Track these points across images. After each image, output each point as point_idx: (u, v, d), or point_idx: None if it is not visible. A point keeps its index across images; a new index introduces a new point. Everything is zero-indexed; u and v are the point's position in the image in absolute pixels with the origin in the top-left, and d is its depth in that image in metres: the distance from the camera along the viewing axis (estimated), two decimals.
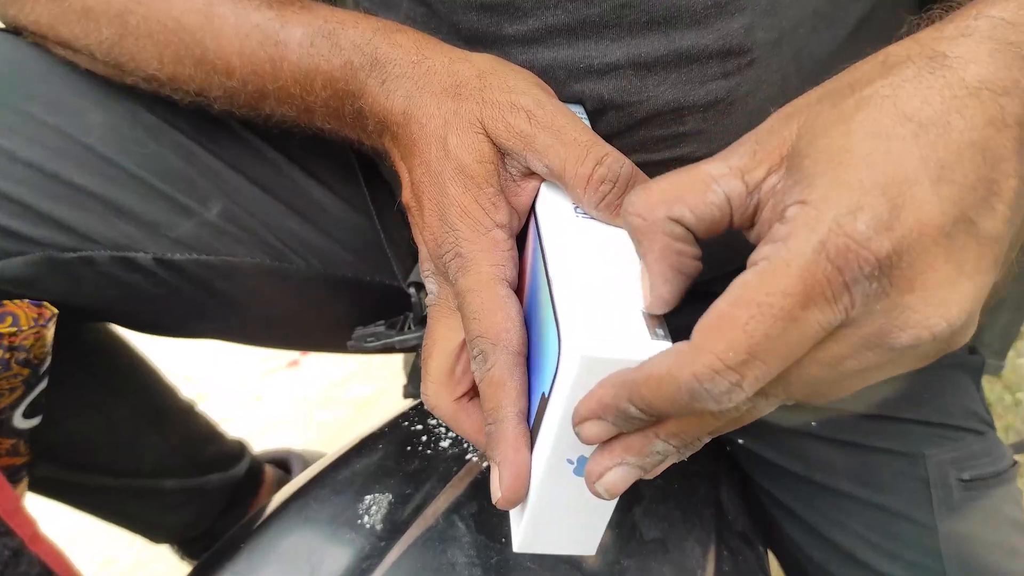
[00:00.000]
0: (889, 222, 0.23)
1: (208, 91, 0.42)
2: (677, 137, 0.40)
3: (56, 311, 0.44)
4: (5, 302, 0.42)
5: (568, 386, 0.27)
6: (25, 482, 0.52)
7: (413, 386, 0.58)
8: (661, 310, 0.28)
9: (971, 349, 0.58)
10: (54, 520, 0.78)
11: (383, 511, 0.42)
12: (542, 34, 0.38)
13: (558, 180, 0.33)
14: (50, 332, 0.44)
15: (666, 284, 0.27)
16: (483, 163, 0.34)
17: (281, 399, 1.17)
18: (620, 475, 0.27)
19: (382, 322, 0.53)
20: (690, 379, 0.24)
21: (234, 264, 0.48)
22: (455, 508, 0.42)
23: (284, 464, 0.78)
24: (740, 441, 0.56)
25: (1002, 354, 0.61)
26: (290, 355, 1.25)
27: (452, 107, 0.34)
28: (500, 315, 0.32)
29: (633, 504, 0.45)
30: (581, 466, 0.29)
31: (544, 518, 0.31)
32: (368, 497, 0.43)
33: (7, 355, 0.42)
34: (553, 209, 0.33)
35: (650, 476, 0.29)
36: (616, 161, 0.32)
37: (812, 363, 0.25)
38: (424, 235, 0.36)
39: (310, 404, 1.16)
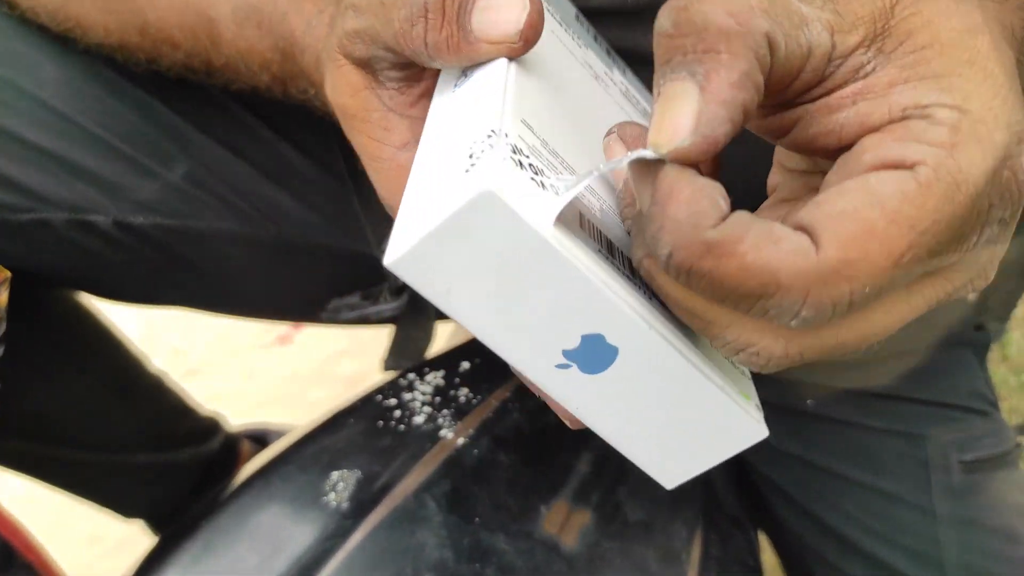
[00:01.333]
0: None
1: (159, 61, 0.39)
2: None
3: (9, 274, 0.42)
4: None
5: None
6: None
7: (394, 358, 0.56)
8: (700, 155, 0.20)
9: (977, 326, 0.55)
10: (37, 499, 0.76)
11: (350, 489, 0.40)
12: None
13: (394, 50, 0.27)
14: (4, 295, 0.42)
15: (723, 125, 0.19)
16: (356, 94, 0.29)
17: (273, 375, 1.15)
18: None
19: (358, 292, 0.51)
20: (819, 300, 0.19)
21: (201, 229, 0.46)
22: (426, 487, 0.40)
23: (262, 439, 0.76)
24: None
25: (1004, 318, 0.59)
26: (280, 330, 1.24)
27: (325, 52, 0.30)
28: None
29: (618, 484, 0.43)
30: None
31: None
32: (335, 474, 0.40)
33: None
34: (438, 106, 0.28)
35: None
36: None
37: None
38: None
39: (302, 381, 1.15)
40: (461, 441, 0.42)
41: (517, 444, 0.43)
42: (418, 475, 0.40)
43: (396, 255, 0.21)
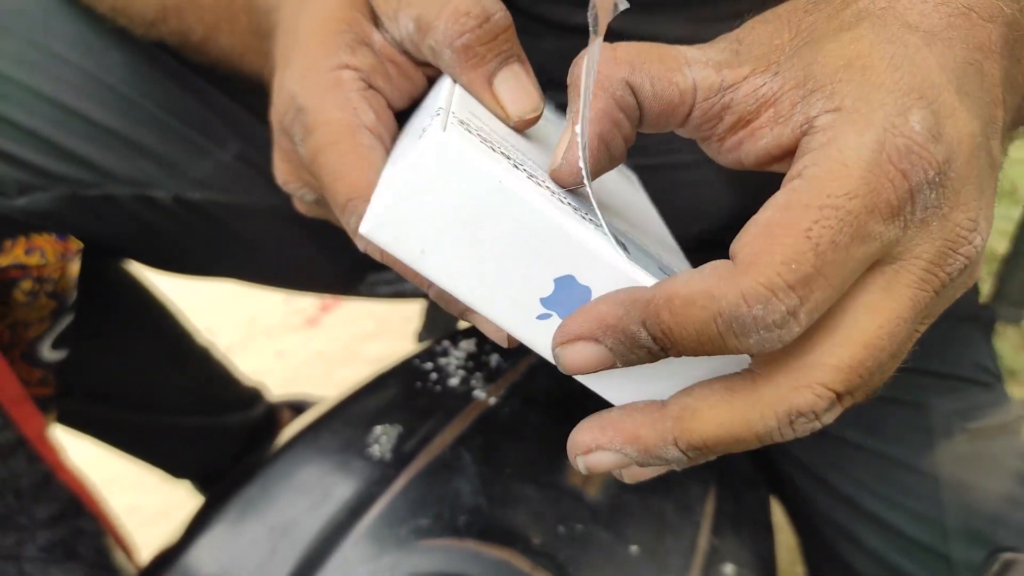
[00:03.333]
0: (937, 127, 0.21)
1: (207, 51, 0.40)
2: None
3: (81, 245, 0.46)
4: (33, 236, 0.44)
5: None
6: (52, 415, 0.54)
7: (427, 331, 0.59)
8: (567, 181, 0.24)
9: (982, 305, 0.58)
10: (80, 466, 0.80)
11: (392, 441, 0.43)
12: None
13: (425, 35, 0.28)
14: (75, 266, 0.46)
15: (584, 151, 0.23)
16: (351, 8, 0.29)
17: (301, 355, 1.19)
18: (605, 460, 0.24)
19: None
20: (736, 301, 0.20)
21: (250, 205, 0.50)
22: (461, 441, 0.43)
23: (301, 409, 0.80)
24: None
25: (1022, 304, 0.61)
26: (309, 312, 1.27)
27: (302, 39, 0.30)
28: (365, 166, 0.26)
29: None
30: None
31: None
32: (378, 428, 0.44)
33: (35, 286, 0.44)
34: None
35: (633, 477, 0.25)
36: (491, 3, 0.27)
37: None
38: (271, 116, 0.31)
39: (329, 361, 1.18)
40: (492, 401, 0.46)
41: (544, 404, 0.47)
42: (454, 430, 0.44)
43: (369, 223, 0.22)
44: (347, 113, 0.27)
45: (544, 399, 0.47)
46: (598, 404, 0.51)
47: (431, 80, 0.31)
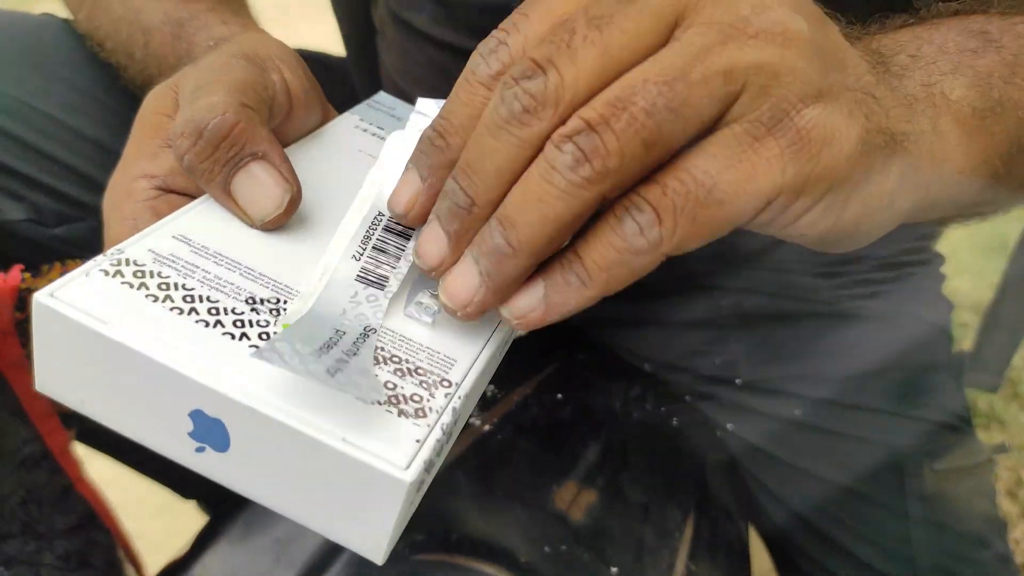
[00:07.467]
0: None
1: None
2: None
3: None
4: (68, 261, 0.47)
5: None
6: (74, 431, 0.57)
7: None
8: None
9: (955, 353, 0.61)
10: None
11: None
12: None
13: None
14: None
15: None
16: (159, 113, 0.30)
17: None
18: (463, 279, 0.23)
19: None
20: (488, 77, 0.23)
21: None
22: (457, 464, 0.46)
23: None
24: (729, 427, 0.60)
25: (999, 373, 0.64)
26: None
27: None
28: None
29: (621, 470, 0.49)
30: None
31: None
32: None
33: None
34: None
35: (512, 309, 0.24)
36: (206, 112, 0.26)
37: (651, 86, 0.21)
38: None
39: None
40: (487, 428, 0.49)
41: (534, 433, 0.50)
42: (450, 454, 0.47)
43: (36, 382, 0.24)
44: (126, 227, 0.28)
45: (534, 428, 0.50)
46: (582, 432, 0.55)
47: None
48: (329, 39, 0.67)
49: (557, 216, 0.22)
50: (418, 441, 0.21)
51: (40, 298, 0.22)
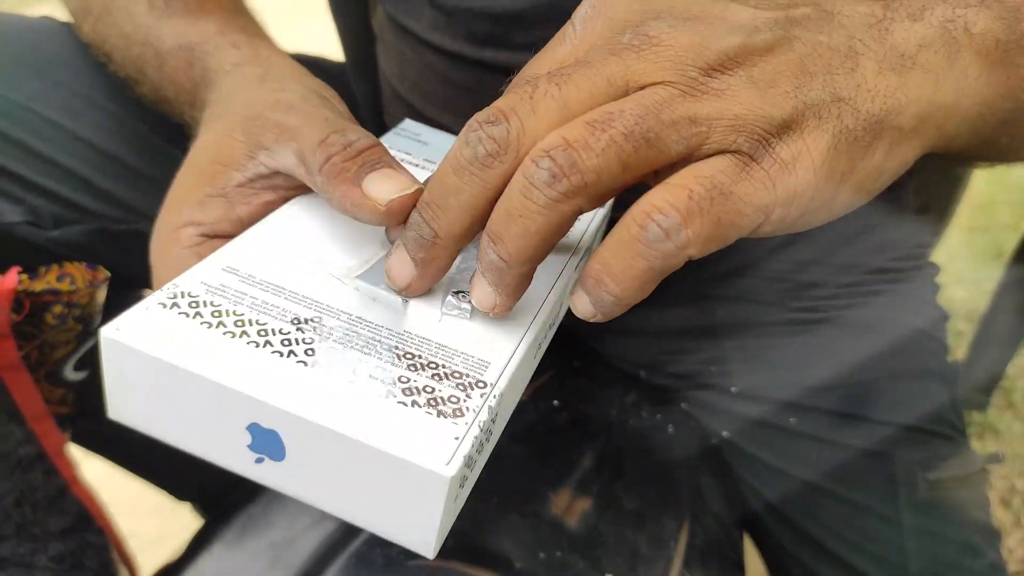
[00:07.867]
0: None
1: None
2: None
3: (109, 274, 0.50)
4: (65, 264, 0.47)
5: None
6: (69, 432, 0.57)
7: None
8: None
9: (950, 363, 0.61)
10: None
11: None
12: (545, 43, 0.43)
13: (303, 163, 0.31)
14: (102, 293, 0.50)
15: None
16: (216, 163, 0.32)
17: None
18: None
19: None
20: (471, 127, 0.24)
21: None
22: None
23: None
24: (724, 434, 0.60)
25: (988, 391, 0.64)
26: None
27: (220, 110, 0.34)
28: None
29: (616, 478, 0.50)
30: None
31: None
32: None
33: (65, 310, 0.48)
34: None
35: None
36: (353, 132, 0.30)
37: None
38: None
39: None
40: None
41: (531, 439, 0.50)
42: None
43: (109, 411, 0.26)
44: (172, 273, 0.29)
45: (530, 434, 0.50)
46: (578, 440, 0.55)
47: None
48: (327, 44, 0.67)
49: (538, 229, 0.23)
50: (456, 439, 0.23)
51: (107, 332, 0.25)
